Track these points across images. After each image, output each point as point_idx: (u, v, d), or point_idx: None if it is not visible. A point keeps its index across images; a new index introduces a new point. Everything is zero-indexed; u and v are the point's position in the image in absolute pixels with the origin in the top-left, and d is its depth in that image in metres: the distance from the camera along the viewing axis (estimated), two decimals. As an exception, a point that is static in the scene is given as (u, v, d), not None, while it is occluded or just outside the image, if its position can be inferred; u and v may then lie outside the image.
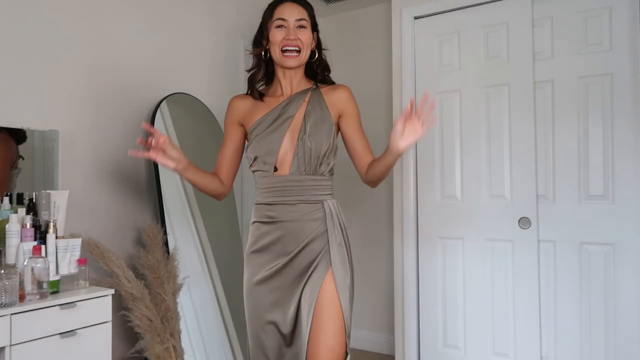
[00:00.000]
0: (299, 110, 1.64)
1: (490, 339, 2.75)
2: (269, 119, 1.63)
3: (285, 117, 1.62)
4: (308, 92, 1.68)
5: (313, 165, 1.59)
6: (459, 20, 2.88)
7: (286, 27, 1.63)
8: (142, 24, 2.49)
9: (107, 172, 2.31)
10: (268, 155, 1.60)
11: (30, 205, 1.90)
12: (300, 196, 1.59)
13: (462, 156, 2.85)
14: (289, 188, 1.59)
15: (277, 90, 1.71)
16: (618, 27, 2.47)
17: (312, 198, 1.60)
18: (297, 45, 1.63)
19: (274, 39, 1.63)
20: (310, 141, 1.58)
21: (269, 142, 1.60)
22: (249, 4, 3.17)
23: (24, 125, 1.99)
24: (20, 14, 2.00)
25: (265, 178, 1.62)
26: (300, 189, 1.59)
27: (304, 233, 1.57)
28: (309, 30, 1.67)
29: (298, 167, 1.59)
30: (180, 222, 2.49)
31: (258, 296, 1.60)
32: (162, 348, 2.07)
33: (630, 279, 2.42)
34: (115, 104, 2.35)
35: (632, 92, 2.42)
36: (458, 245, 2.86)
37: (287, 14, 1.64)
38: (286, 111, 1.63)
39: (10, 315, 1.58)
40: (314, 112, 1.63)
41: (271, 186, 1.61)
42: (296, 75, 1.70)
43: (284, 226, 1.59)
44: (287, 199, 1.59)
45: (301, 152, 1.58)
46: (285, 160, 1.60)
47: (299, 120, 1.62)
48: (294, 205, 1.59)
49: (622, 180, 2.44)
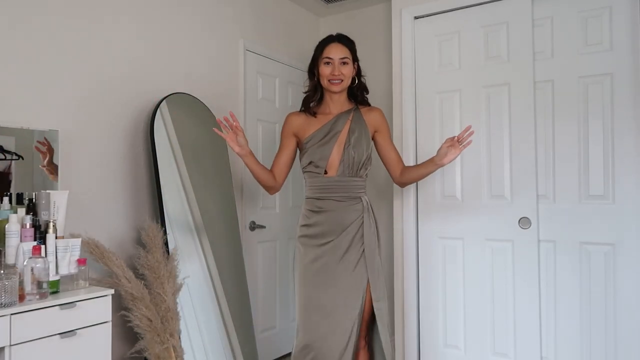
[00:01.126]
0: (345, 127, 2.10)
1: (490, 339, 2.75)
2: (321, 133, 2.10)
3: (334, 132, 2.09)
4: (351, 112, 2.13)
5: (355, 169, 2.07)
6: (459, 20, 2.88)
7: (332, 64, 2.08)
8: (142, 24, 2.49)
9: (107, 172, 2.31)
10: (321, 161, 2.07)
11: (30, 205, 1.90)
12: (344, 193, 2.06)
13: (462, 156, 2.85)
14: (335, 186, 2.06)
15: (326, 109, 2.16)
16: (618, 27, 2.47)
17: (353, 195, 2.07)
18: (340, 78, 2.08)
19: (323, 72, 2.10)
20: (353, 151, 2.05)
21: (322, 151, 2.07)
22: (248, 4, 3.17)
23: (24, 125, 1.99)
24: (20, 14, 2.00)
25: (317, 178, 2.09)
26: (345, 188, 2.06)
27: (346, 220, 2.03)
28: (350, 65, 2.11)
29: (343, 171, 2.06)
30: (180, 222, 2.48)
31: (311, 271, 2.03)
32: (162, 348, 2.07)
33: (630, 279, 2.42)
34: (115, 104, 2.35)
35: (632, 92, 2.42)
36: (458, 245, 2.86)
37: (333, 54, 2.08)
38: (335, 127, 2.10)
39: (10, 315, 1.57)
40: (357, 129, 2.09)
41: (322, 185, 2.08)
42: (340, 97, 2.14)
43: (330, 215, 2.05)
44: (334, 195, 2.06)
45: (346, 159, 2.05)
46: (333, 165, 2.07)
47: (344, 134, 2.09)
48: (340, 200, 2.06)
49: (622, 180, 2.44)
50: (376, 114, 2.17)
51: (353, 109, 2.15)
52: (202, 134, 2.71)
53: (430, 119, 2.96)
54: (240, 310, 2.73)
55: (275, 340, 3.28)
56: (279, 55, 3.40)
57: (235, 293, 2.70)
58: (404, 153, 3.01)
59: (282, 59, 3.42)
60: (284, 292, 3.39)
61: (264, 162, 3.25)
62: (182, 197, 2.53)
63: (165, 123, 2.49)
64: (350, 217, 2.04)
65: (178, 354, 2.12)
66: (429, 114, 2.96)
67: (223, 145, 2.82)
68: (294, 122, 2.16)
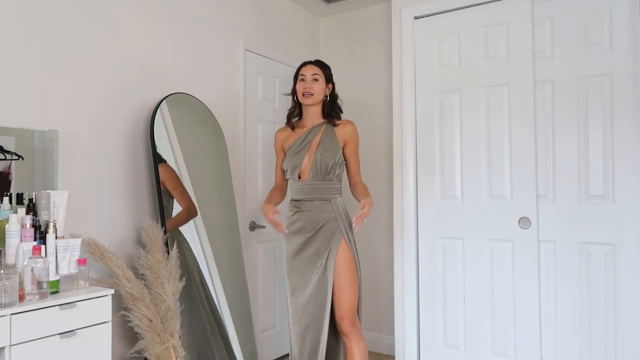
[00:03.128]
0: (316, 137, 2.40)
1: (490, 339, 2.75)
2: (297, 143, 2.41)
3: (307, 142, 2.40)
4: (323, 125, 2.44)
5: (323, 174, 2.35)
6: (459, 20, 2.88)
7: (305, 80, 2.42)
8: (141, 24, 2.49)
9: (107, 172, 2.31)
10: (295, 168, 2.38)
11: (30, 205, 1.89)
12: (315, 194, 2.35)
13: (462, 156, 2.85)
14: (308, 189, 2.37)
15: (303, 123, 2.48)
16: (618, 27, 2.47)
17: (323, 196, 2.35)
18: (310, 91, 2.39)
19: (298, 88, 2.44)
20: (321, 158, 2.34)
21: (296, 159, 2.38)
22: (248, 5, 3.17)
23: (24, 125, 1.99)
24: (20, 14, 2.00)
25: (294, 182, 2.41)
26: (315, 190, 2.36)
27: (319, 218, 2.32)
28: (322, 82, 2.43)
29: (313, 175, 2.36)
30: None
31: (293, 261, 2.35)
32: (162, 348, 2.07)
33: (630, 279, 2.42)
34: (115, 104, 2.35)
35: (632, 92, 2.42)
36: (458, 245, 2.86)
37: (306, 71, 2.43)
38: (307, 138, 2.41)
39: (10, 315, 1.57)
40: (326, 139, 2.39)
41: (297, 188, 2.40)
42: (315, 112, 2.45)
43: (306, 214, 2.35)
44: (307, 196, 2.37)
45: (315, 165, 2.34)
46: (305, 171, 2.38)
47: (315, 144, 2.39)
48: (312, 201, 2.36)
49: (622, 180, 2.44)
50: (348, 128, 2.42)
51: (325, 122, 2.44)
52: (202, 134, 2.71)
53: (430, 119, 2.96)
54: (240, 310, 2.73)
55: (275, 340, 3.28)
56: (279, 56, 3.40)
57: (235, 293, 2.70)
58: (404, 153, 3.02)
59: (282, 59, 3.42)
60: (284, 292, 3.39)
61: (264, 161, 3.26)
62: (182, 197, 2.53)
63: (165, 123, 2.49)
64: (322, 216, 2.33)
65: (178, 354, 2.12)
66: (429, 114, 2.96)
67: (223, 146, 2.82)
68: (279, 137, 2.52)
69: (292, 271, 2.35)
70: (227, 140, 2.87)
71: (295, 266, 2.34)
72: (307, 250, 2.32)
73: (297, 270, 2.33)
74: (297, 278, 2.33)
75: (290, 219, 2.40)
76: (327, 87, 2.44)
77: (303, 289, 2.30)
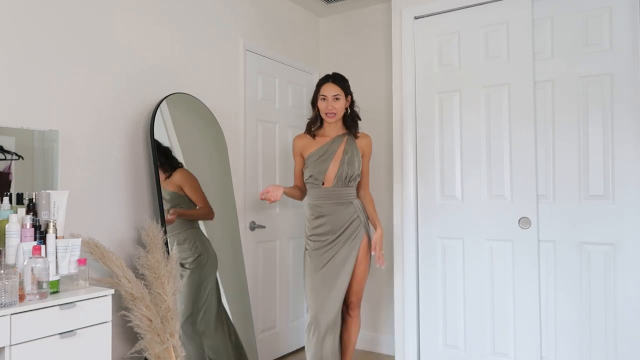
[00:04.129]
0: (340, 147, 2.58)
1: (490, 339, 2.75)
2: (320, 151, 2.57)
3: (331, 151, 2.57)
4: (345, 136, 2.61)
5: (346, 181, 2.55)
6: (459, 20, 2.88)
7: (326, 100, 2.55)
8: (142, 24, 2.49)
9: (107, 172, 2.31)
10: (320, 175, 2.55)
11: (30, 205, 1.89)
12: (338, 199, 2.55)
13: (462, 156, 2.85)
14: (333, 194, 2.55)
15: (325, 132, 2.64)
16: (618, 27, 2.47)
17: (345, 200, 2.56)
18: (333, 112, 2.55)
19: (320, 107, 2.59)
20: (347, 167, 2.54)
21: (321, 167, 2.55)
22: (249, 4, 3.17)
23: (24, 125, 1.99)
24: (20, 14, 2.00)
25: (316, 188, 2.57)
26: (339, 195, 2.55)
27: (343, 220, 2.54)
28: (342, 99, 2.57)
29: (337, 182, 2.54)
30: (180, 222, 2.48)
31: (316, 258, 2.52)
32: (162, 348, 2.07)
33: (630, 279, 2.42)
34: (115, 104, 2.35)
35: (632, 92, 2.42)
36: (458, 245, 2.86)
37: (327, 92, 2.56)
38: (331, 147, 2.58)
39: (10, 315, 1.57)
40: (350, 150, 2.57)
41: (321, 194, 2.56)
42: (336, 124, 2.62)
43: (330, 217, 2.54)
44: (332, 201, 2.55)
45: (340, 174, 2.53)
46: (329, 178, 2.55)
47: (340, 154, 2.57)
48: (335, 205, 2.54)
49: (622, 180, 2.44)
50: (366, 141, 2.64)
51: (347, 134, 2.61)
52: (202, 134, 2.71)
53: (430, 119, 2.96)
54: (241, 310, 2.73)
55: (275, 340, 3.28)
56: (279, 55, 3.40)
57: (235, 293, 2.70)
58: (404, 153, 3.02)
59: (282, 59, 3.42)
60: (284, 292, 3.39)
61: (264, 161, 3.26)
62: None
63: (165, 123, 2.49)
64: (345, 218, 2.54)
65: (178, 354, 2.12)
66: (429, 114, 2.96)
67: (223, 145, 2.82)
68: (298, 144, 2.65)
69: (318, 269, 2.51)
70: (227, 140, 2.87)
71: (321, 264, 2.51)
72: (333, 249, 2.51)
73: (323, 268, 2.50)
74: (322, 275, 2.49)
75: (312, 222, 2.56)
76: (346, 100, 2.59)
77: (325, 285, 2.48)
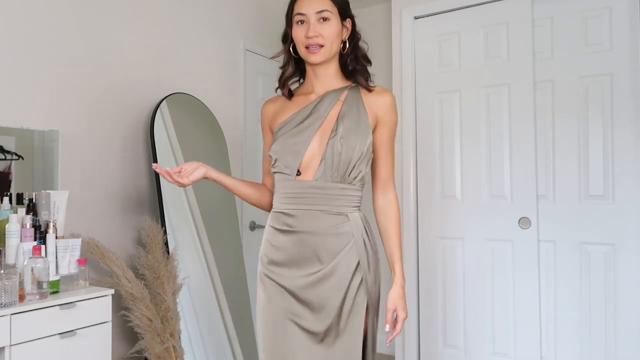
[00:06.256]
0: (333, 110, 1.45)
1: (490, 339, 2.75)
2: (298, 119, 1.46)
3: (315, 117, 1.44)
4: (344, 91, 1.48)
5: (342, 171, 1.41)
6: (459, 20, 2.88)
7: (307, 22, 1.44)
8: (142, 24, 2.49)
9: (107, 172, 2.31)
10: (292, 157, 1.42)
11: (30, 205, 1.89)
12: (323, 205, 1.41)
13: (462, 156, 2.85)
14: (311, 195, 1.41)
15: (308, 87, 1.53)
16: (618, 27, 2.47)
17: (335, 209, 1.41)
18: (317, 42, 1.42)
19: (296, 36, 1.46)
20: (340, 144, 1.39)
21: (295, 143, 1.43)
22: (249, 4, 3.17)
23: (24, 125, 1.99)
24: (20, 14, 2.00)
25: (286, 182, 1.44)
26: (324, 198, 1.41)
27: (327, 250, 1.40)
28: (335, 22, 1.45)
29: (324, 173, 1.41)
30: (180, 222, 2.48)
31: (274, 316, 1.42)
32: (162, 348, 2.07)
33: (630, 279, 2.42)
34: (115, 104, 2.35)
35: (632, 92, 2.42)
36: (458, 245, 2.86)
37: (305, 8, 1.44)
38: (317, 110, 1.45)
39: (10, 315, 1.57)
40: (349, 113, 1.44)
41: (292, 191, 1.43)
42: (327, 71, 1.49)
43: (302, 238, 1.41)
44: (308, 207, 1.41)
45: (329, 155, 1.40)
46: (310, 165, 1.42)
47: (330, 120, 1.44)
48: (316, 216, 1.41)
49: (622, 180, 2.44)
50: (385, 98, 1.48)
51: (348, 87, 1.50)
52: (202, 134, 2.71)
53: (430, 119, 2.96)
54: (240, 310, 2.73)
55: (275, 340, 3.28)
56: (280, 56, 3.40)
57: (235, 293, 2.70)
58: (404, 154, 3.01)
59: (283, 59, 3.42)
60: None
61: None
62: (182, 197, 2.53)
63: (165, 123, 2.49)
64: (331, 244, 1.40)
65: (178, 354, 2.12)
66: (429, 114, 2.96)
67: (223, 145, 2.82)
68: (267, 112, 1.58)
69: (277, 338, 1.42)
70: (227, 140, 2.87)
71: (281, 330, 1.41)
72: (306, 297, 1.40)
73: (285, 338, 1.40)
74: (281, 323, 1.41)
75: (272, 241, 1.45)
76: (343, 26, 1.48)
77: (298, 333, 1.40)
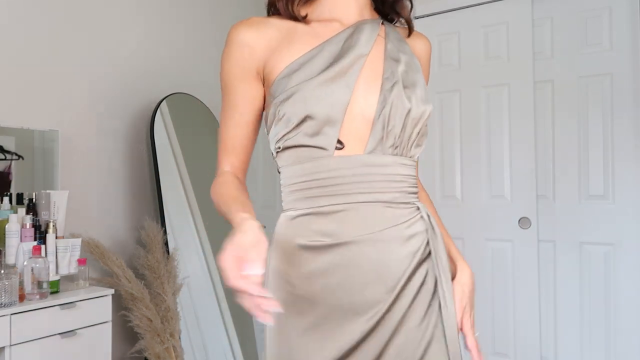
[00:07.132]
0: (376, 47, 0.90)
1: (490, 339, 2.74)
2: (324, 58, 0.87)
3: (353, 56, 0.86)
4: (379, 23, 0.94)
5: (406, 138, 0.88)
6: (459, 20, 2.87)
7: None
8: (142, 24, 2.49)
9: (107, 172, 2.31)
10: (327, 119, 0.83)
11: (30, 205, 1.90)
12: (384, 194, 0.84)
13: (462, 156, 2.85)
14: (363, 179, 0.84)
15: (325, 12, 0.93)
16: (618, 27, 2.47)
17: (402, 198, 0.86)
18: None
19: None
20: (407, 96, 0.87)
21: (328, 95, 0.83)
22: (250, 4, 3.17)
23: (24, 125, 1.99)
24: (20, 14, 2.00)
25: (317, 161, 0.85)
26: (385, 182, 0.85)
27: (395, 267, 0.83)
28: None
29: (381, 142, 0.85)
30: (180, 222, 2.48)
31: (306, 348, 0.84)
32: (162, 348, 2.07)
33: (630, 279, 2.42)
34: (116, 104, 2.35)
35: (632, 92, 2.42)
36: (458, 245, 2.84)
37: None
38: (353, 46, 0.88)
39: (10, 315, 1.58)
40: (401, 53, 0.92)
41: (328, 175, 0.84)
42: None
43: (355, 254, 0.82)
44: (363, 199, 0.84)
45: (388, 114, 0.85)
46: (360, 130, 0.85)
47: (377, 62, 0.88)
48: (378, 213, 0.84)
49: (622, 180, 2.44)
50: (426, 46, 1.04)
51: (381, 20, 0.97)
52: (202, 134, 2.71)
53: (430, 119, 2.94)
54: (240, 310, 2.72)
55: (275, 340, 3.28)
56: None
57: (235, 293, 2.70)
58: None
59: (282, 59, 3.42)
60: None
61: (264, 161, 3.26)
62: (182, 197, 2.53)
63: (165, 123, 2.49)
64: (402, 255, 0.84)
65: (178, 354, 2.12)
66: (429, 114, 2.96)
67: (223, 145, 2.82)
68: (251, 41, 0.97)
69: None
70: (227, 140, 2.87)
71: None
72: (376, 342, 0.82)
73: None
74: None
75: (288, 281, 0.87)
76: None
77: None
